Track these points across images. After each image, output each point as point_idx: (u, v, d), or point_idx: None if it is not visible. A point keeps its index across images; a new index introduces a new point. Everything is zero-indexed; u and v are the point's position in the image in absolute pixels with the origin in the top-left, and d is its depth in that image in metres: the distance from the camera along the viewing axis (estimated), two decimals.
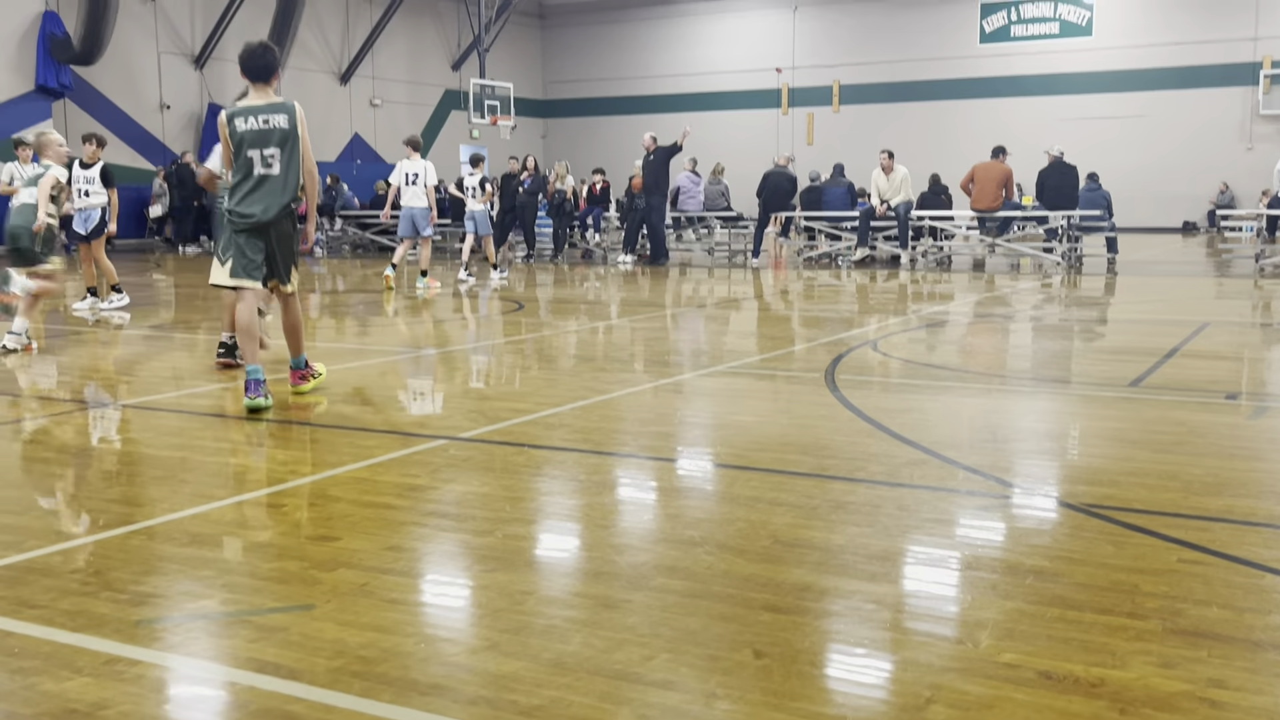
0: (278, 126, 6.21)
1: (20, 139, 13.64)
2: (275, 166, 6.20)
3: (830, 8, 33.54)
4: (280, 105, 6.28)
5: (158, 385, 7.34)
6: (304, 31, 27.57)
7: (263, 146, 6.18)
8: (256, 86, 6.32)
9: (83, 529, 4.12)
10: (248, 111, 6.22)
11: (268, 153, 6.19)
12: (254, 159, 6.19)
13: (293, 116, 6.27)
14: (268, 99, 6.31)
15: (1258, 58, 29.08)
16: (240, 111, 6.22)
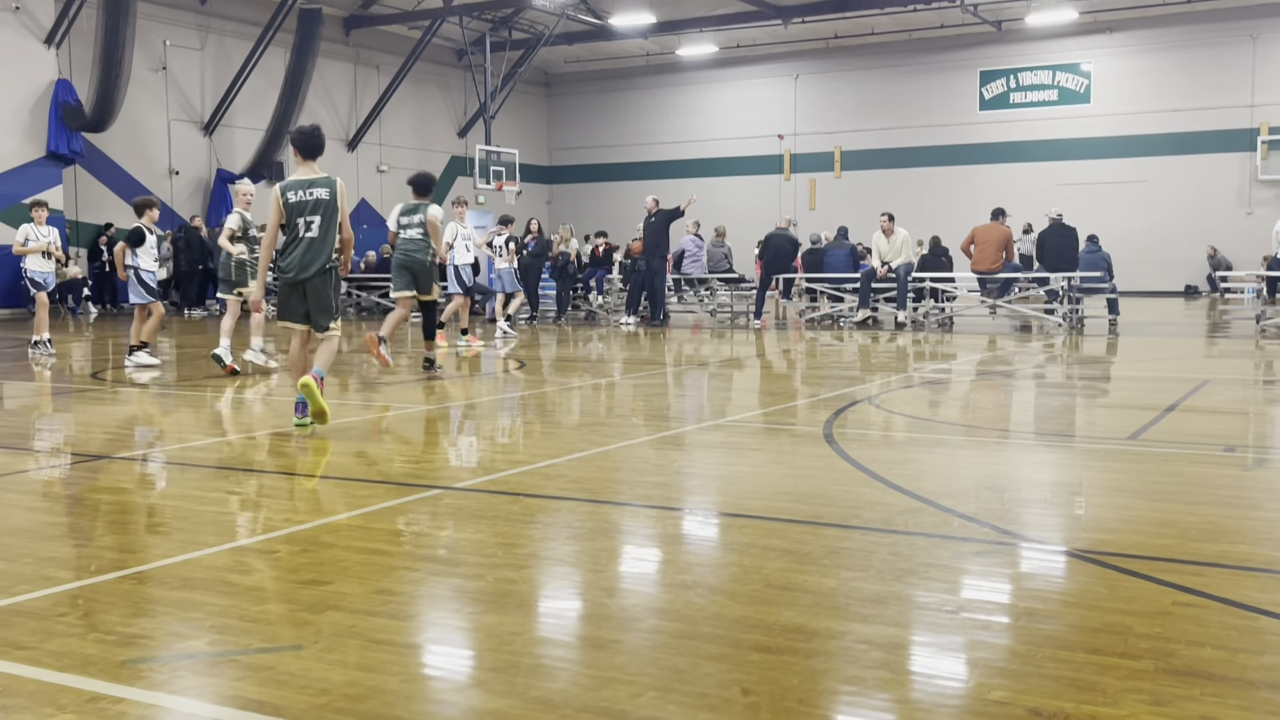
0: (320, 198, 7.19)
1: (37, 200, 13.90)
2: (315, 231, 7.19)
3: (831, 76, 33.99)
4: (324, 180, 7.29)
5: (158, 438, 7.35)
6: (312, 99, 27.96)
7: (306, 214, 7.18)
8: (305, 162, 7.36)
9: (73, 574, 4.11)
10: (296, 185, 7.25)
11: (310, 219, 7.18)
12: (299, 225, 7.21)
13: (333, 190, 7.25)
14: (314, 174, 7.31)
15: (1255, 124, 29.37)
16: (291, 185, 7.26)
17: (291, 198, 7.20)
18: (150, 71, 25.17)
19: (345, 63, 30.24)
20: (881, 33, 32.25)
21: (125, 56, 22.82)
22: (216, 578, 3.98)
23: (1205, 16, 29.38)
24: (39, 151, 22.66)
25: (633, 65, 35.99)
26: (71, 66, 23.50)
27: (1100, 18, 29.99)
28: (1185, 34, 29.80)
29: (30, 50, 22.50)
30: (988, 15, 30.35)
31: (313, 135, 7.42)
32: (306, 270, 7.16)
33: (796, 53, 33.72)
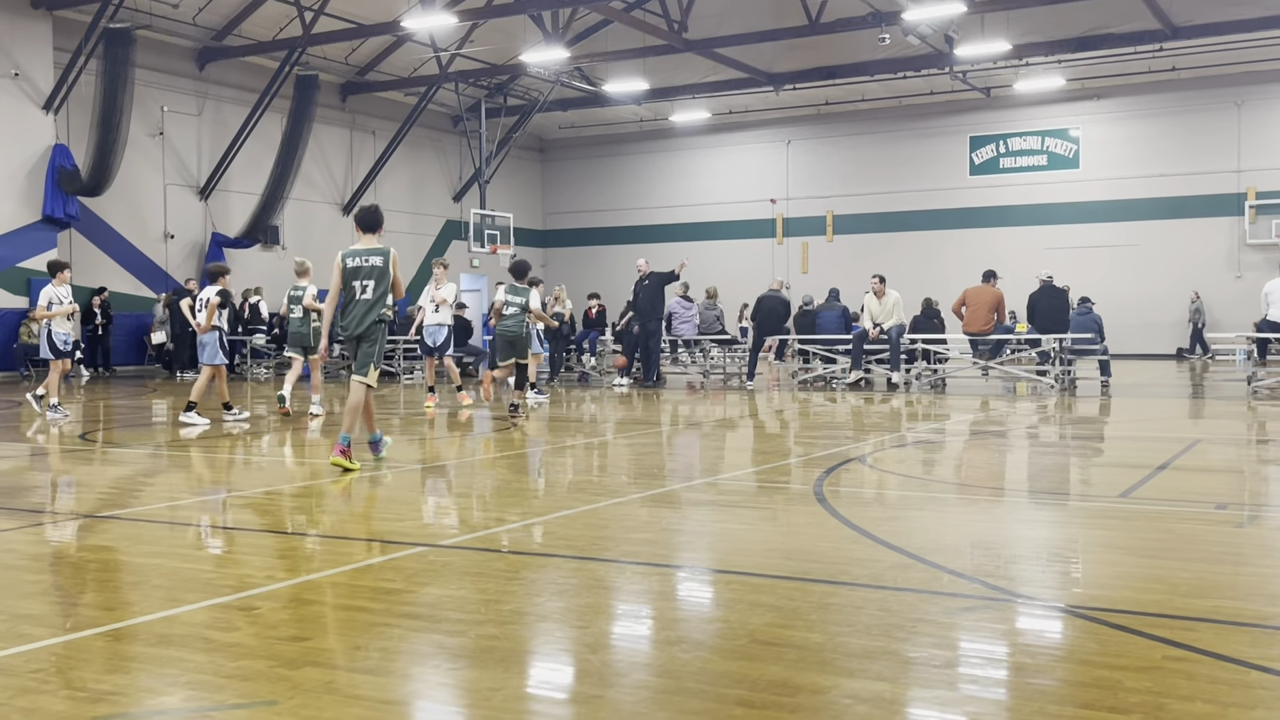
0: (374, 265, 8.28)
1: (59, 263, 13.90)
2: (369, 293, 8.28)
3: (822, 141, 34.37)
4: (379, 250, 8.33)
5: (144, 498, 7.29)
6: (308, 163, 28.19)
7: (361, 279, 8.30)
8: (365, 235, 8.40)
9: (50, 631, 4.04)
10: (355, 253, 8.35)
11: (365, 283, 8.29)
12: (355, 287, 8.31)
13: (386, 259, 8.32)
14: (370, 245, 8.37)
15: (1242, 189, 29.67)
16: (350, 253, 8.37)
17: (349, 263, 8.31)
18: (147, 136, 25.38)
19: (341, 128, 30.53)
20: (872, 99, 32.67)
21: (123, 122, 23.02)
22: (195, 634, 3.92)
23: (1190, 84, 29.81)
24: (35, 215, 22.75)
25: (626, 131, 36.38)
26: (69, 131, 23.69)
27: (1087, 84, 30.42)
28: (1171, 100, 30.22)
29: (28, 115, 22.69)
30: (976, 82, 30.77)
31: (372, 212, 8.45)
32: (360, 326, 8.29)
33: (788, 119, 34.12)
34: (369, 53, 29.47)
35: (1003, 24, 25.69)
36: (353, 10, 25.80)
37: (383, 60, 29.76)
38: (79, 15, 23.16)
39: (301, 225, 29.09)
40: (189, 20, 25.34)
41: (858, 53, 28.26)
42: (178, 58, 26.09)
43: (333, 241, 30.01)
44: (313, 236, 29.48)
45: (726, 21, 27.21)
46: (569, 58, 27.06)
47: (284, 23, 26.37)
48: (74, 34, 22.86)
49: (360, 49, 29.08)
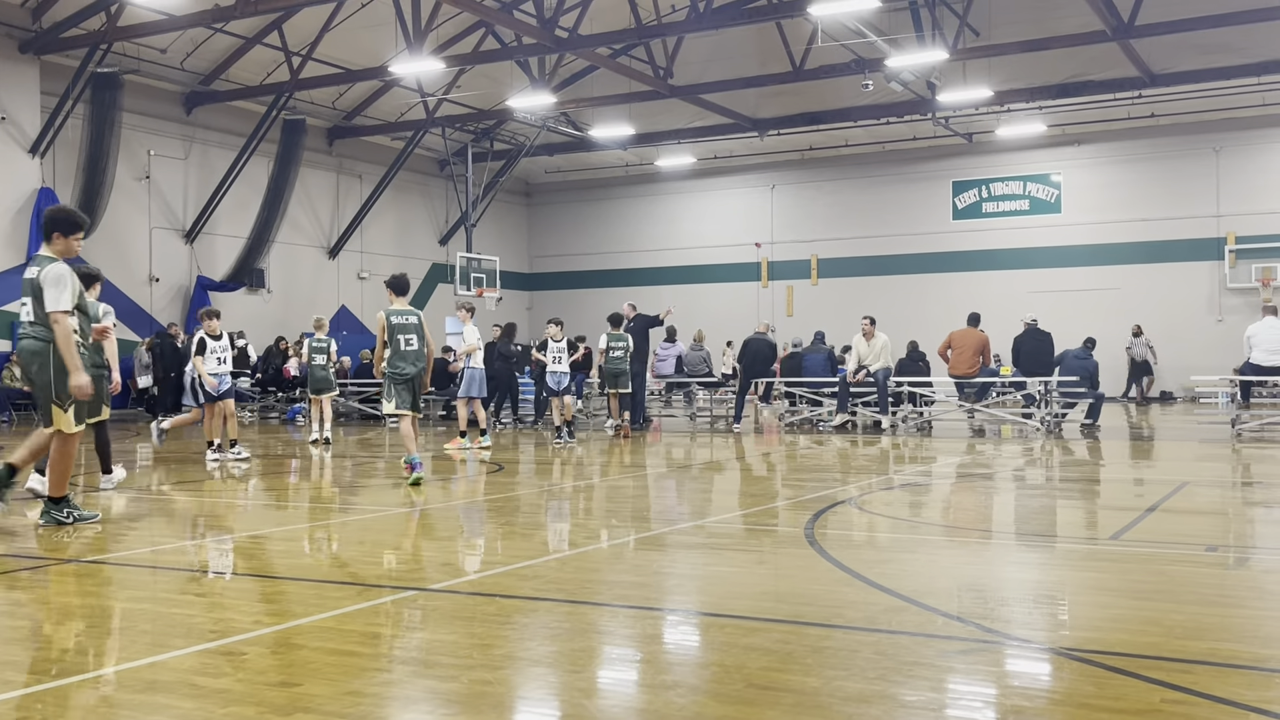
0: (413, 322, 10.42)
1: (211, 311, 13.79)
2: (414, 345, 10.33)
3: (807, 186, 34.62)
4: (413, 310, 10.57)
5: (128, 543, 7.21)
6: (295, 207, 28.23)
7: (406, 334, 10.32)
8: (398, 298, 10.52)
9: (34, 678, 3.97)
10: (396, 313, 10.41)
11: (409, 337, 10.33)
12: (401, 340, 10.28)
13: (420, 317, 10.53)
14: (405, 305, 10.53)
15: (1222, 233, 29.96)
16: (392, 312, 10.40)
17: (395, 320, 10.33)
18: (134, 180, 25.39)
19: (328, 172, 30.61)
20: (856, 144, 32.97)
21: (109, 166, 23.06)
22: (182, 680, 3.87)
23: (1169, 130, 30.20)
24: (20, 259, 22.67)
25: (612, 175, 36.59)
26: (55, 175, 23.68)
27: (1068, 130, 30.77)
28: (1151, 146, 30.59)
29: (14, 159, 22.69)
30: (959, 128, 31.10)
31: (405, 279, 10.73)
32: (415, 369, 10.31)
33: (773, 163, 34.38)
34: (356, 97, 29.63)
35: (984, 71, 26.04)
36: (340, 55, 25.97)
37: (370, 105, 29.92)
38: (66, 60, 23.24)
39: (287, 269, 29.08)
40: (176, 65, 25.45)
41: (841, 99, 28.57)
42: (165, 102, 26.17)
43: (319, 285, 30.02)
44: (299, 280, 29.47)
45: (711, 68, 27.50)
46: (555, 103, 27.27)
47: (271, 68, 26.51)
48: (61, 78, 22.93)
49: (347, 94, 29.24)
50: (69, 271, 7.31)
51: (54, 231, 7.45)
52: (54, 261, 7.32)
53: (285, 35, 24.74)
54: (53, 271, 7.22)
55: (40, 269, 7.26)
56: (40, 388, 7.37)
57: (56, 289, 7.17)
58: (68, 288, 7.21)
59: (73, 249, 7.51)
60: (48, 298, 7.17)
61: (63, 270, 7.26)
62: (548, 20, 22.43)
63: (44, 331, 7.27)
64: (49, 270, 7.23)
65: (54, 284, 7.18)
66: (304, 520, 8.20)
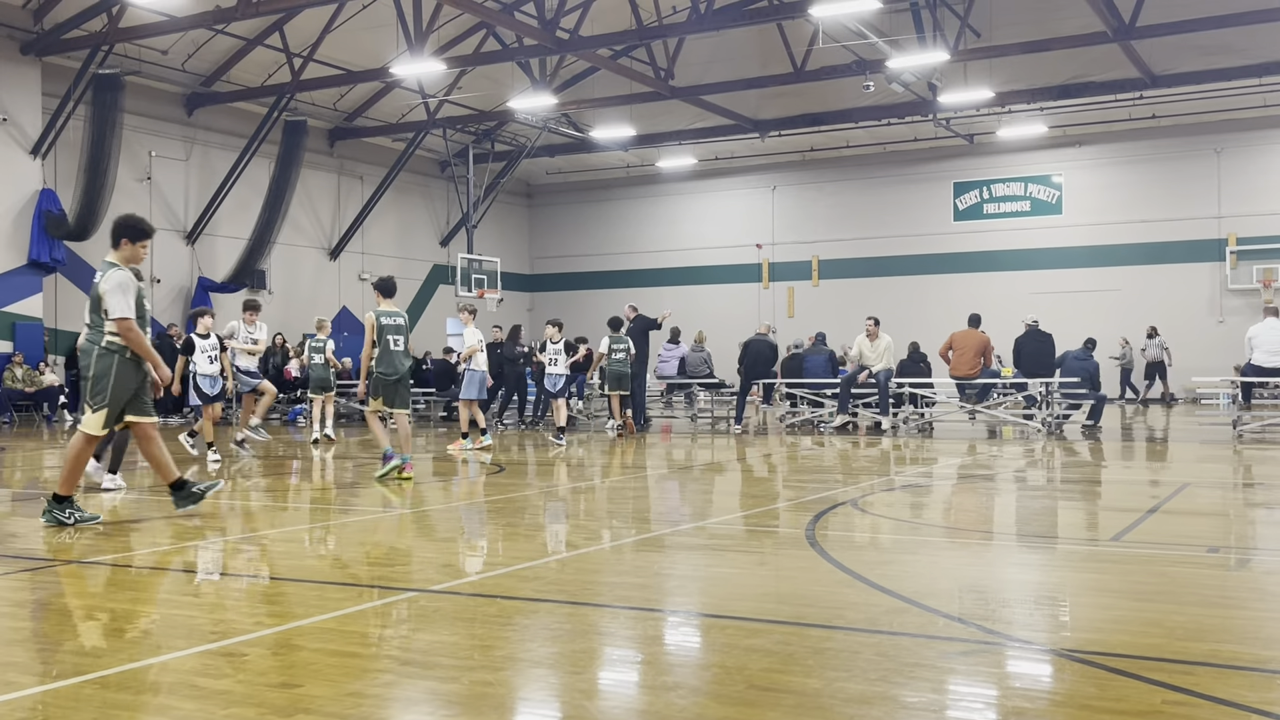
0: (400, 323, 10.70)
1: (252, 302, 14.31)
2: (400, 345, 10.61)
3: (808, 187, 34.63)
4: (400, 312, 10.84)
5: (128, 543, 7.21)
6: (296, 208, 28.24)
7: (394, 334, 10.58)
8: (386, 300, 10.76)
9: (35, 679, 3.98)
10: (385, 314, 10.64)
11: (396, 338, 10.59)
12: (389, 340, 10.53)
13: (405, 319, 10.83)
14: (393, 306, 10.79)
15: (1223, 235, 29.96)
16: (381, 314, 10.62)
17: (384, 321, 10.58)
18: (135, 181, 25.41)
19: (329, 173, 30.63)
20: (857, 145, 32.98)
21: (110, 167, 23.07)
22: (184, 681, 3.87)
23: (1170, 131, 30.20)
24: (21, 260, 22.71)
25: (613, 176, 36.60)
26: (56, 176, 23.70)
27: (1069, 131, 30.77)
28: (1152, 148, 30.59)
29: (16, 160, 22.71)
30: (960, 129, 31.10)
31: (392, 281, 10.91)
32: (402, 371, 10.63)
33: (774, 164, 34.39)
34: (357, 99, 29.65)
35: (985, 72, 26.04)
36: (341, 57, 25.98)
37: (371, 106, 29.94)
38: (68, 61, 23.26)
39: (289, 270, 29.09)
40: (178, 66, 25.48)
41: (843, 100, 28.58)
42: (166, 103, 26.20)
43: (320, 286, 30.03)
44: (300, 281, 29.48)
45: (712, 69, 27.51)
46: (556, 104, 27.29)
47: (273, 69, 26.54)
48: (63, 80, 22.95)
49: (349, 95, 29.26)
50: (130, 278, 7.48)
51: (122, 238, 7.59)
52: (116, 268, 7.49)
53: (286, 36, 24.75)
54: (113, 278, 7.38)
55: (102, 275, 7.45)
56: (83, 385, 7.60)
57: (117, 296, 7.33)
58: (129, 293, 7.38)
59: (139, 256, 7.67)
60: (111, 305, 7.35)
61: (124, 277, 7.42)
62: (549, 21, 22.44)
63: (94, 334, 7.48)
64: (110, 276, 7.41)
65: (115, 291, 7.34)
66: (305, 521, 8.21)
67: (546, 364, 16.47)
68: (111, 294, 7.33)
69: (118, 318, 7.32)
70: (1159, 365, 28.80)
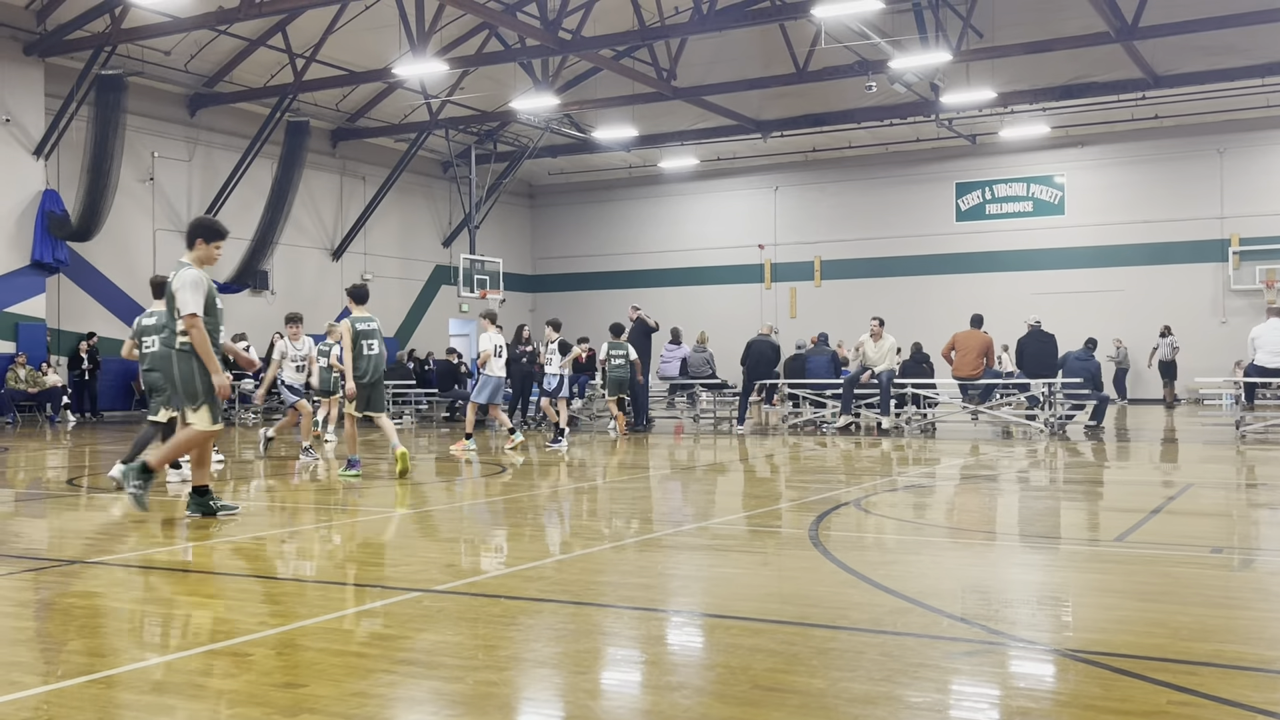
0: (375, 328, 11.05)
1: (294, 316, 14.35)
2: (375, 349, 11.00)
3: (810, 188, 34.63)
4: (373, 318, 11.16)
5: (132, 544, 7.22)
6: (298, 209, 28.26)
7: (369, 339, 10.98)
8: (360, 306, 11.12)
9: (40, 679, 3.98)
10: (360, 320, 10.97)
11: (371, 342, 10.98)
12: (363, 345, 10.93)
13: (378, 323, 11.15)
14: (366, 313, 11.13)
15: (1225, 235, 29.94)
16: (356, 319, 10.95)
17: (359, 327, 10.93)
18: (138, 182, 25.44)
19: (332, 173, 30.65)
20: (859, 146, 32.97)
21: (113, 168, 23.09)
22: (188, 681, 3.87)
23: (1173, 131, 30.18)
24: (24, 260, 22.74)
25: (615, 177, 36.61)
26: (59, 177, 23.73)
27: (1071, 132, 30.76)
28: (1154, 148, 30.57)
29: (19, 161, 22.74)
30: (962, 129, 31.09)
31: (365, 288, 11.37)
32: (377, 374, 11.03)
33: (776, 165, 34.38)
34: (360, 99, 29.67)
35: (988, 73, 26.03)
36: (344, 58, 26.00)
37: (373, 107, 29.96)
38: (71, 62, 23.29)
39: (291, 271, 29.11)
40: (181, 67, 25.50)
41: (845, 100, 28.58)
42: (169, 104, 26.23)
43: (322, 287, 30.03)
44: (302, 282, 29.49)
45: (715, 69, 27.51)
46: (558, 105, 27.30)
47: (275, 69, 26.56)
48: (66, 80, 22.98)
49: (351, 95, 29.28)
50: (203, 277, 7.60)
51: (197, 238, 7.72)
52: (188, 267, 7.60)
53: (289, 37, 24.77)
54: (185, 276, 7.52)
55: (175, 274, 7.59)
56: (174, 387, 7.70)
57: (187, 293, 7.46)
58: (200, 291, 7.50)
59: (212, 256, 7.78)
60: (181, 302, 7.48)
61: (197, 276, 7.55)
62: (551, 22, 22.45)
63: (169, 338, 7.66)
64: (182, 275, 7.55)
65: (186, 288, 7.47)
66: (308, 521, 8.20)
67: (545, 364, 16.59)
68: (182, 290, 7.47)
69: (185, 314, 7.45)
70: (1171, 365, 28.69)
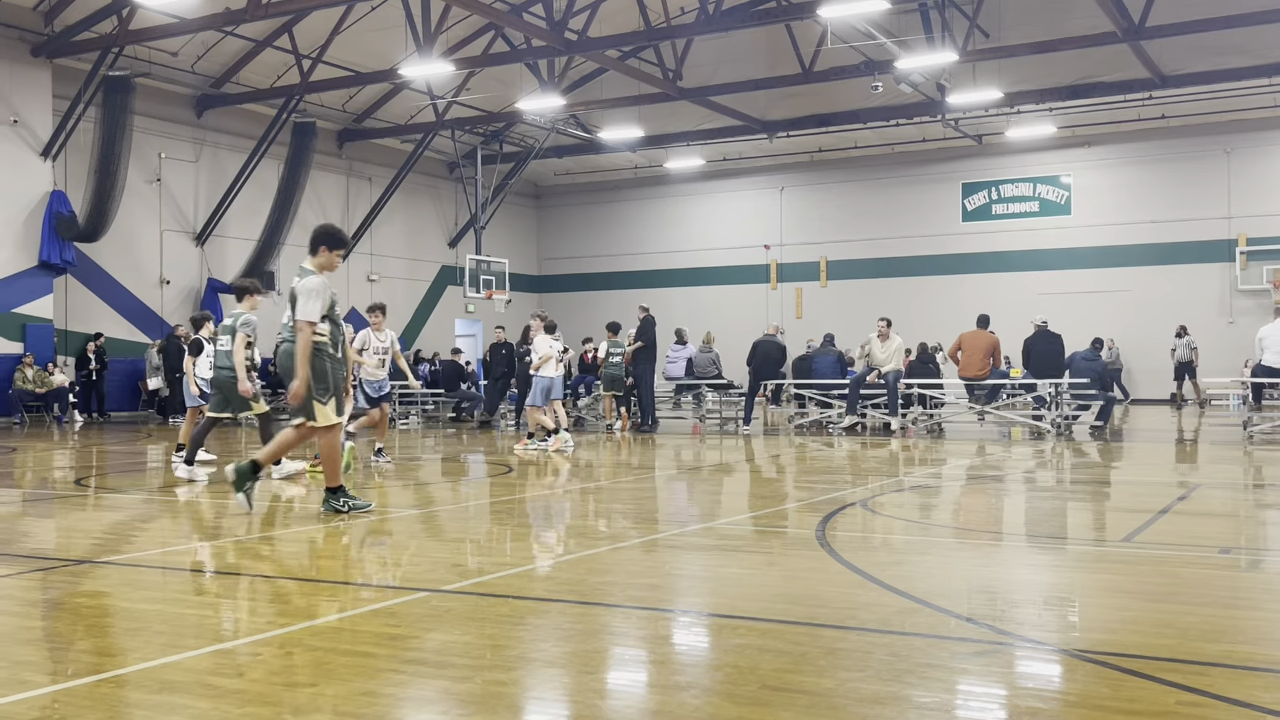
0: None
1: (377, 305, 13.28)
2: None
3: (816, 188, 34.61)
4: None
5: (140, 543, 7.24)
6: (304, 209, 28.29)
7: None
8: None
9: (49, 678, 3.99)
10: None
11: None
12: None
13: None
14: None
15: (1233, 235, 29.88)
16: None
17: None
18: (145, 183, 25.49)
19: (338, 174, 30.70)
20: (865, 146, 32.95)
21: (120, 169, 23.14)
22: (198, 680, 3.88)
23: (1180, 131, 30.13)
24: (31, 261, 22.80)
25: (621, 177, 36.62)
26: (67, 178, 23.79)
27: (1078, 132, 30.73)
28: (1161, 148, 30.52)
29: (27, 162, 22.80)
30: (969, 130, 31.06)
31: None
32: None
33: (782, 165, 34.38)
34: (366, 100, 29.70)
35: (994, 73, 26.00)
36: (350, 58, 26.03)
37: (379, 107, 29.99)
38: (78, 63, 23.35)
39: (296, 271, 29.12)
40: (188, 68, 25.55)
41: (851, 100, 28.57)
42: (176, 105, 26.28)
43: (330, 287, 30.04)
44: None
45: (721, 70, 27.50)
46: (564, 105, 27.31)
47: (282, 70, 26.61)
48: (73, 81, 23.04)
49: (357, 96, 29.32)
50: (325, 284, 7.83)
51: (320, 245, 7.96)
52: (312, 273, 7.84)
53: (295, 38, 24.81)
54: (310, 282, 7.76)
55: (299, 279, 7.82)
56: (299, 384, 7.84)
57: (308, 299, 7.69)
58: (319, 299, 7.73)
59: (334, 264, 8.01)
60: (300, 306, 7.72)
61: (319, 283, 7.78)
62: (557, 23, 22.46)
63: (294, 335, 7.84)
64: (305, 282, 7.78)
65: (308, 295, 7.70)
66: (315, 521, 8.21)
67: None
68: (304, 294, 7.71)
69: (300, 318, 7.67)
70: (1188, 365, 28.49)
